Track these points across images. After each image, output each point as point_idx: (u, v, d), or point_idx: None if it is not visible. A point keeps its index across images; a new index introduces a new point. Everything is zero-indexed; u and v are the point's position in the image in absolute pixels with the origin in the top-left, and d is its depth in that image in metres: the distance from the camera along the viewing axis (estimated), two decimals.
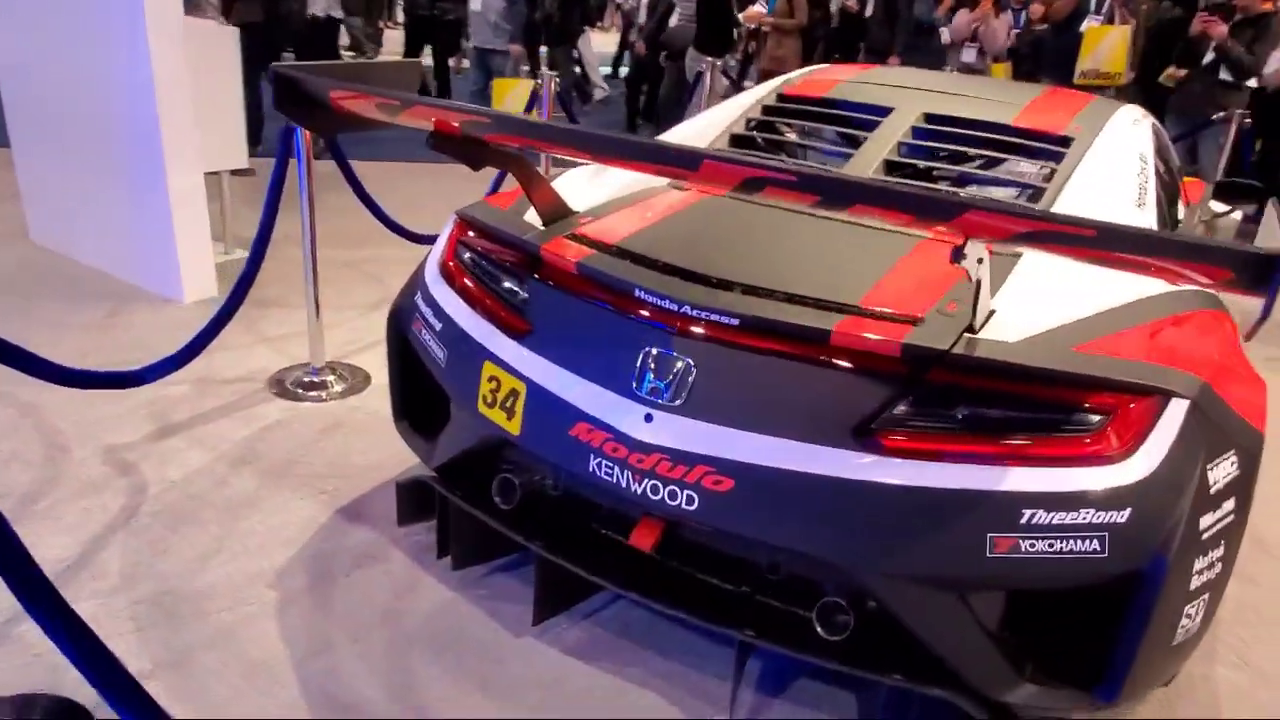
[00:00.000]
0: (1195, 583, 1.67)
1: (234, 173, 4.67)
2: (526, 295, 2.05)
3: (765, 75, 6.18)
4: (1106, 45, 5.94)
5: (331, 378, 3.32)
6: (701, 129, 2.83)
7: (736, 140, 2.77)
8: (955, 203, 1.65)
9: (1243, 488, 1.73)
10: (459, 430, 2.20)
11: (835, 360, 1.71)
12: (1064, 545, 1.61)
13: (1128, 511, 1.60)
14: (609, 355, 1.87)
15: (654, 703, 1.99)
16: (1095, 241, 1.37)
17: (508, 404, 1.99)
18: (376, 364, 3.50)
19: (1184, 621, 1.69)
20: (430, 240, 3.99)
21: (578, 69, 9.25)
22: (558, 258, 1.98)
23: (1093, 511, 1.60)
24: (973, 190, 2.64)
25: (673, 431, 1.76)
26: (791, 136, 2.96)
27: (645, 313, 1.84)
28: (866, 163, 2.47)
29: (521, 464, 2.12)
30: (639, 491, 1.79)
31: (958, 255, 1.58)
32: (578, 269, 1.94)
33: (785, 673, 2.08)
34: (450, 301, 2.19)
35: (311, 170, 3.10)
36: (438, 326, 2.19)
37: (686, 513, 1.76)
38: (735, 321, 1.75)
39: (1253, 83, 5.36)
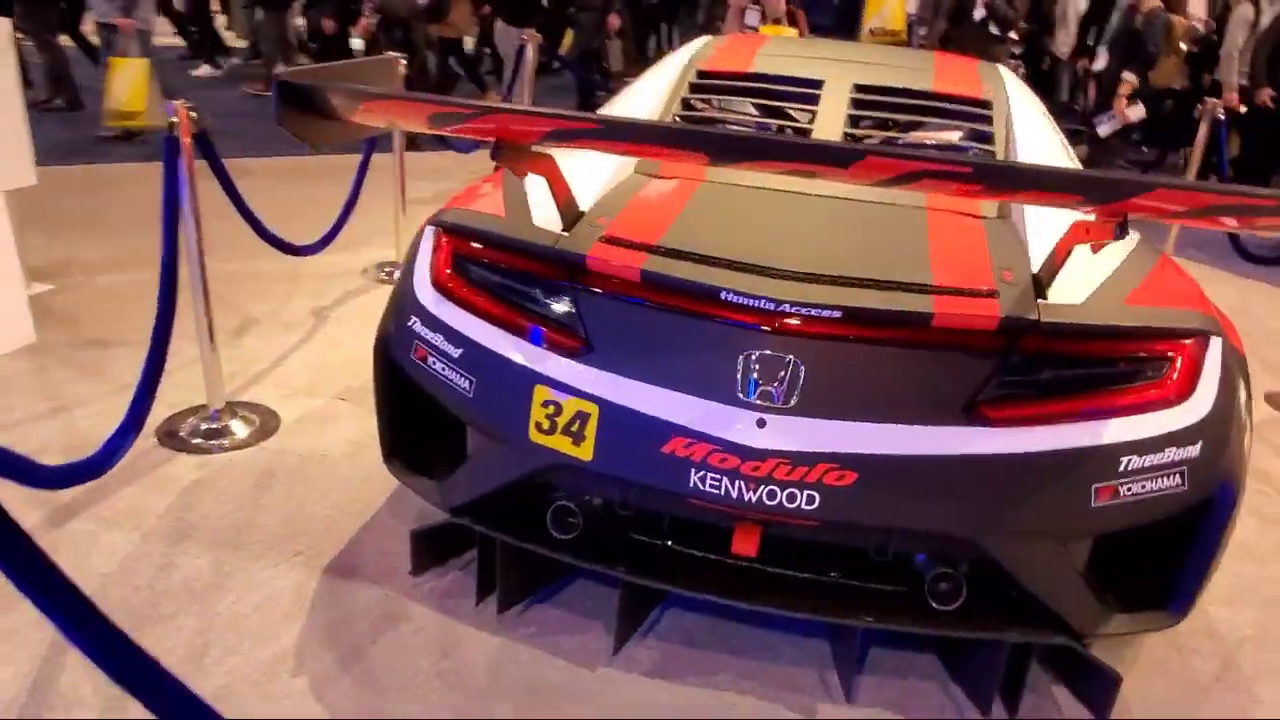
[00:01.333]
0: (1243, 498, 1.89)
1: None
2: (574, 309, 1.90)
3: None
4: (889, 4, 6.40)
5: (234, 421, 2.91)
6: (631, 111, 2.73)
7: (690, 119, 2.71)
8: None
9: (1250, 406, 1.97)
10: (495, 464, 2.01)
11: (935, 341, 1.74)
12: (1154, 485, 1.76)
13: (1199, 445, 1.77)
14: (700, 364, 1.78)
15: (755, 704, 1.96)
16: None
17: (573, 429, 1.85)
18: (276, 398, 3.11)
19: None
20: (310, 251, 3.63)
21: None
22: (611, 265, 1.85)
23: (1175, 450, 1.76)
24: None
25: (789, 434, 1.71)
26: (742, 113, 2.93)
27: (737, 315, 1.76)
28: (828, 134, 2.51)
29: (574, 489, 1.98)
30: (752, 500, 1.74)
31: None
32: (643, 276, 1.82)
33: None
34: (467, 323, 1.98)
35: (194, 178, 2.67)
36: (455, 352, 1.98)
37: (806, 512, 1.73)
38: (838, 314, 1.72)
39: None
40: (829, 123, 2.56)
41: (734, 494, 1.74)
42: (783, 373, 1.73)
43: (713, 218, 2.09)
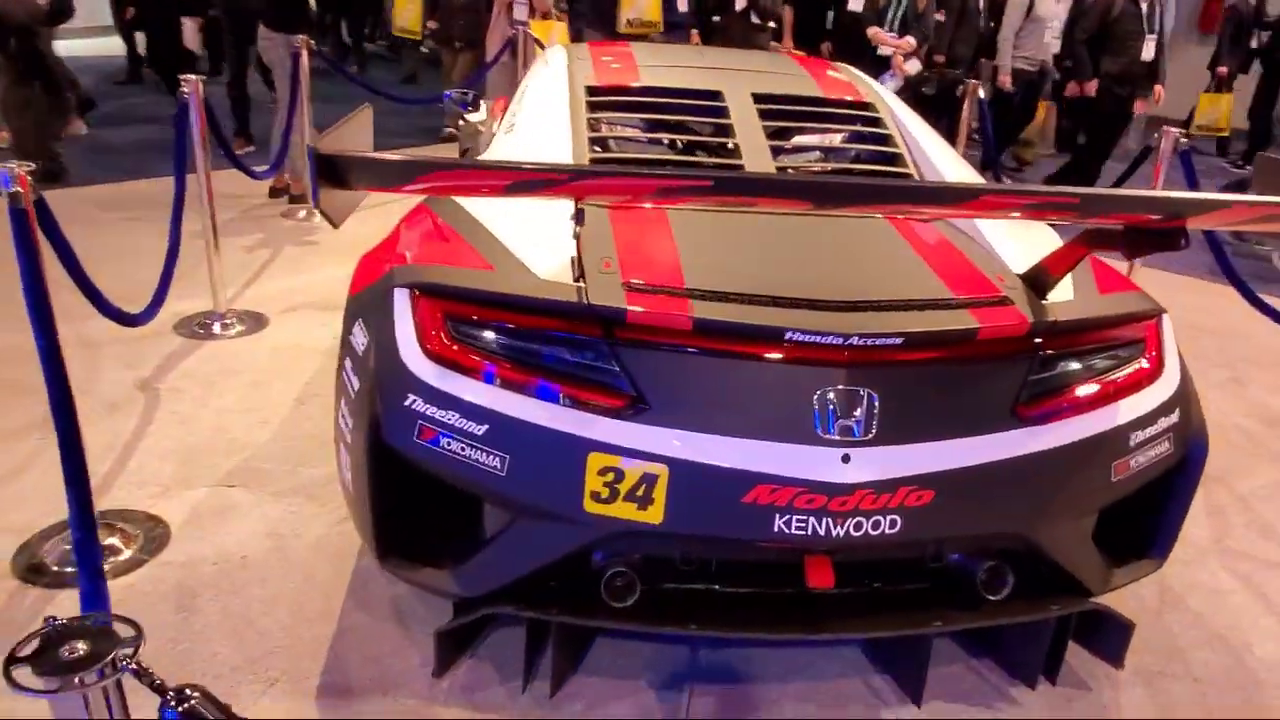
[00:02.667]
0: None
1: None
2: (616, 365, 1.77)
3: None
4: None
5: (111, 538, 2.42)
6: (544, 140, 2.57)
7: (597, 145, 2.60)
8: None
9: None
10: (536, 542, 1.84)
11: (979, 353, 1.82)
12: (1153, 453, 1.97)
13: (1178, 411, 2.01)
14: (772, 406, 1.74)
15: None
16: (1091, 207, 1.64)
17: (638, 493, 1.74)
18: (146, 499, 2.64)
19: None
20: (144, 319, 3.05)
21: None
22: (656, 316, 1.75)
23: (1164, 419, 1.98)
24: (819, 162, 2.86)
25: (874, 464, 1.72)
26: (656, 133, 2.86)
27: (804, 353, 1.73)
28: (758, 151, 2.52)
29: (625, 552, 1.87)
30: (839, 534, 1.74)
31: None
32: (696, 325, 1.73)
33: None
34: (488, 395, 1.79)
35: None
36: (477, 429, 1.79)
37: (889, 536, 1.76)
38: (899, 340, 1.75)
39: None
40: (748, 137, 2.57)
41: (821, 532, 1.73)
42: (859, 405, 1.73)
43: (712, 251, 2.03)
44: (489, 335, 1.85)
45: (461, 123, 4.72)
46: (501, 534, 1.89)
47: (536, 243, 2.00)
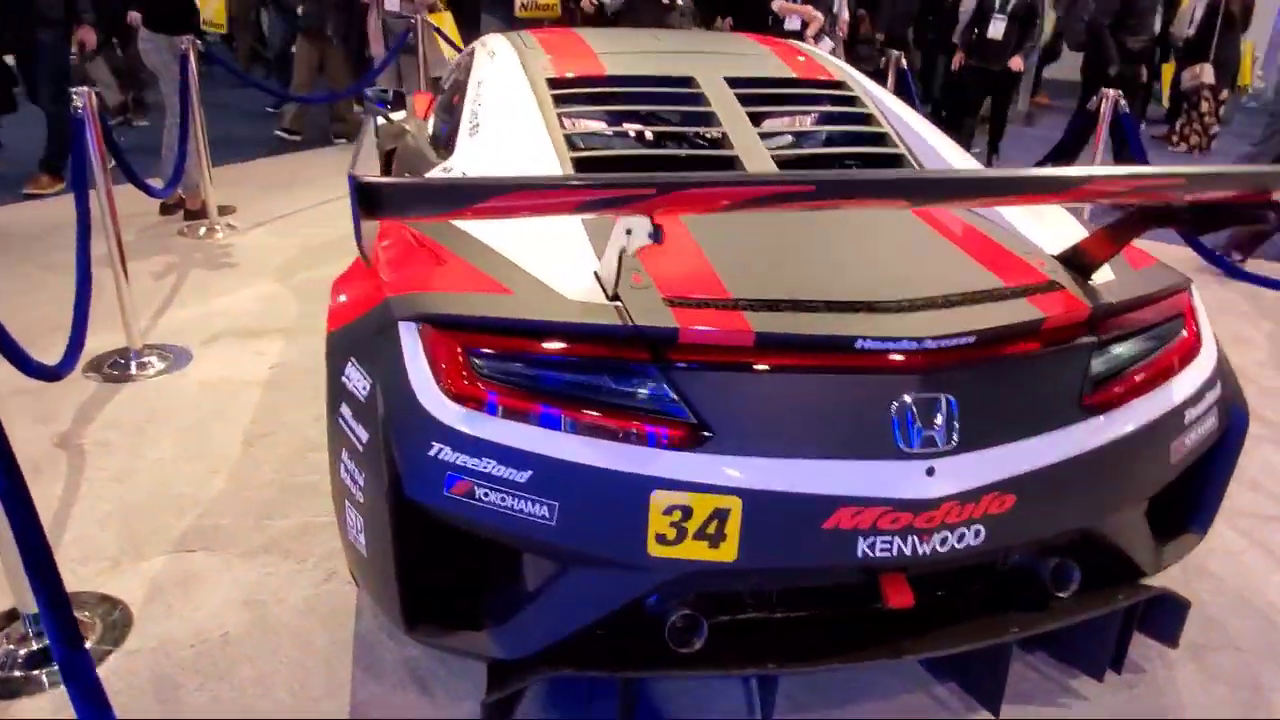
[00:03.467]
0: None
1: None
2: (672, 392, 1.59)
3: None
4: None
5: None
6: (519, 142, 2.35)
7: (576, 144, 2.40)
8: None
9: None
10: (593, 593, 1.66)
11: (1044, 344, 1.73)
12: (1203, 428, 1.93)
13: (1219, 383, 1.97)
14: (847, 422, 1.60)
15: None
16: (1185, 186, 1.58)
17: (709, 530, 1.57)
18: (96, 576, 2.31)
19: None
20: (65, 369, 2.66)
21: None
22: (714, 334, 1.58)
23: (1210, 393, 1.93)
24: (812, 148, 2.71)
25: (958, 474, 1.60)
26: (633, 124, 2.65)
27: (877, 361, 1.59)
28: (747, 139, 2.37)
29: (681, 595, 1.71)
30: (926, 552, 1.61)
31: None
32: (759, 340, 1.57)
33: None
34: (530, 437, 1.58)
35: None
36: (520, 476, 1.58)
37: (974, 548, 1.65)
38: (972, 339, 1.63)
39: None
40: (734, 125, 2.42)
41: (907, 551, 1.61)
42: (939, 412, 1.61)
43: (743, 256, 1.87)
44: (520, 369, 1.64)
45: (380, 122, 4.41)
46: (549, 587, 1.69)
47: (548, 259, 1.80)
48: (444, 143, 2.91)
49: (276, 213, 5.52)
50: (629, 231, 1.46)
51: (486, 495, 1.60)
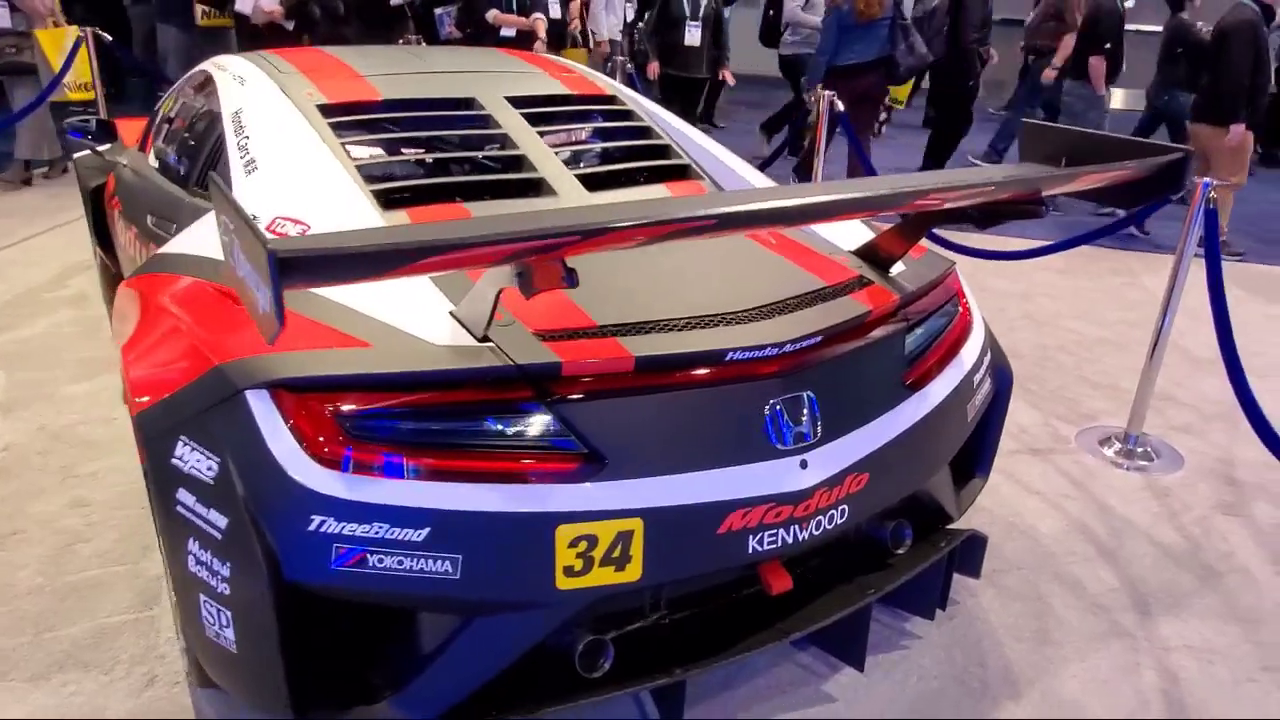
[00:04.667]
0: None
1: None
2: (558, 425, 1.58)
3: None
4: None
5: None
6: (311, 177, 2.18)
7: (373, 175, 2.27)
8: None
9: None
10: (499, 641, 1.62)
11: (869, 333, 1.92)
12: (985, 390, 2.23)
13: (990, 349, 2.29)
14: (725, 430, 1.68)
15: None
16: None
17: (614, 554, 1.60)
18: None
19: None
20: None
21: None
22: (594, 365, 1.59)
23: (985, 359, 2.24)
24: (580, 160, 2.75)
25: (824, 463, 1.75)
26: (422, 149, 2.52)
27: (744, 370, 1.68)
28: (547, 160, 2.38)
29: (588, 618, 1.71)
30: (804, 537, 1.75)
31: None
32: (639, 364, 1.61)
33: None
34: (420, 493, 1.51)
35: None
36: (417, 535, 1.51)
37: (840, 526, 1.81)
38: (819, 338, 1.77)
39: None
40: (530, 146, 2.42)
41: (790, 540, 1.73)
42: (803, 409, 1.74)
43: (596, 284, 1.86)
44: (398, 424, 1.55)
45: (77, 154, 3.89)
46: (451, 643, 1.62)
47: (389, 305, 1.71)
48: (193, 179, 2.63)
49: None
50: (519, 272, 1.44)
51: (381, 561, 1.51)
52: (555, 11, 6.26)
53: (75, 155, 3.95)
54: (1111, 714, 2.09)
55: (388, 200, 2.12)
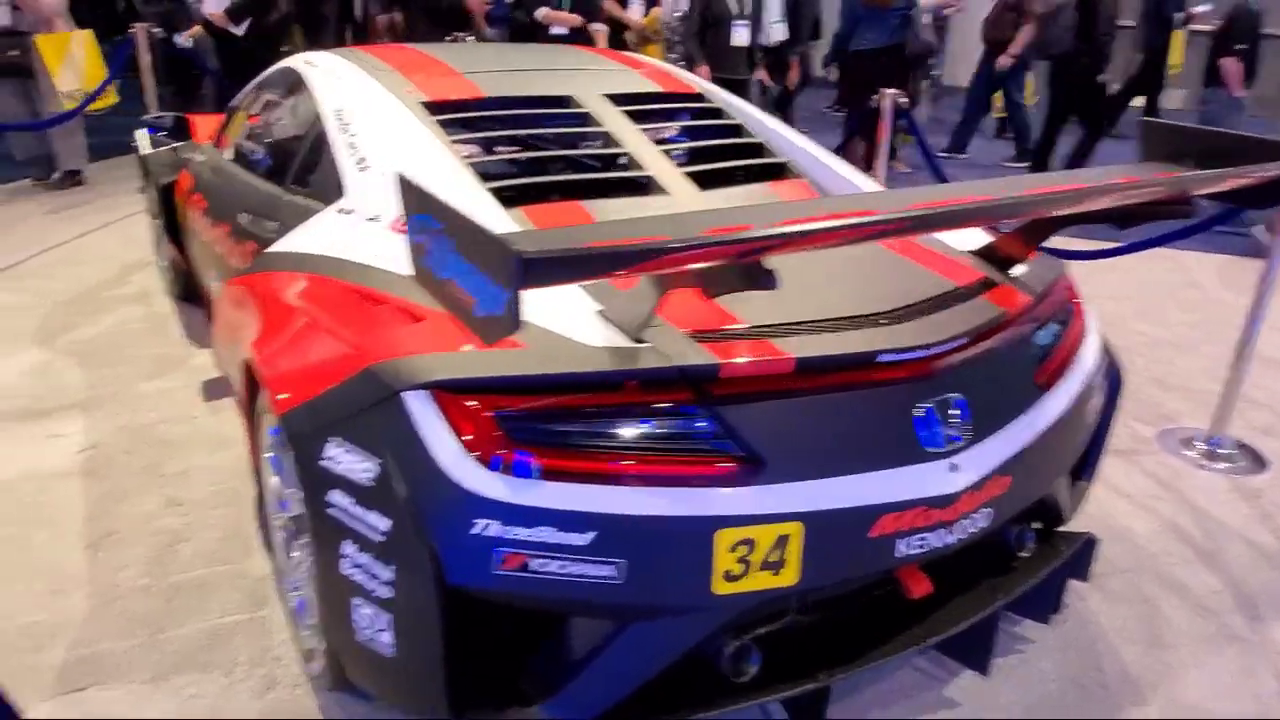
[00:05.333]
0: None
1: None
2: (718, 427, 1.56)
3: None
4: None
5: None
6: (428, 176, 2.16)
7: (485, 171, 2.26)
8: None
9: None
10: (653, 645, 1.61)
11: (1008, 332, 1.89)
12: (1102, 392, 2.21)
13: (1105, 350, 2.27)
14: (880, 433, 1.66)
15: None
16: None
17: (772, 559, 1.58)
18: None
19: None
20: None
21: None
22: (753, 366, 1.57)
23: (1102, 360, 2.22)
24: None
25: (973, 465, 1.72)
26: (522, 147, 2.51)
27: (896, 372, 1.67)
28: (654, 158, 2.36)
29: (740, 623, 1.70)
30: (952, 541, 1.73)
31: None
32: (799, 365, 1.59)
33: None
34: (585, 497, 1.50)
35: None
36: (581, 539, 1.50)
37: (983, 529, 1.79)
38: (965, 340, 1.75)
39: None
40: (633, 142, 2.40)
41: (937, 544, 1.71)
42: (955, 410, 1.72)
43: None
44: (560, 427, 1.53)
45: (145, 150, 3.89)
46: (606, 647, 1.61)
47: (538, 306, 1.69)
48: (289, 177, 2.62)
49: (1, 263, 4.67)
50: (713, 273, 1.42)
51: (544, 565, 1.50)
52: (637, 11, 6.18)
53: (143, 153, 3.94)
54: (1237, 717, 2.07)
55: (506, 199, 2.11)
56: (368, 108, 2.45)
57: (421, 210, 1.22)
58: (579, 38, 5.46)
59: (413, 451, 1.51)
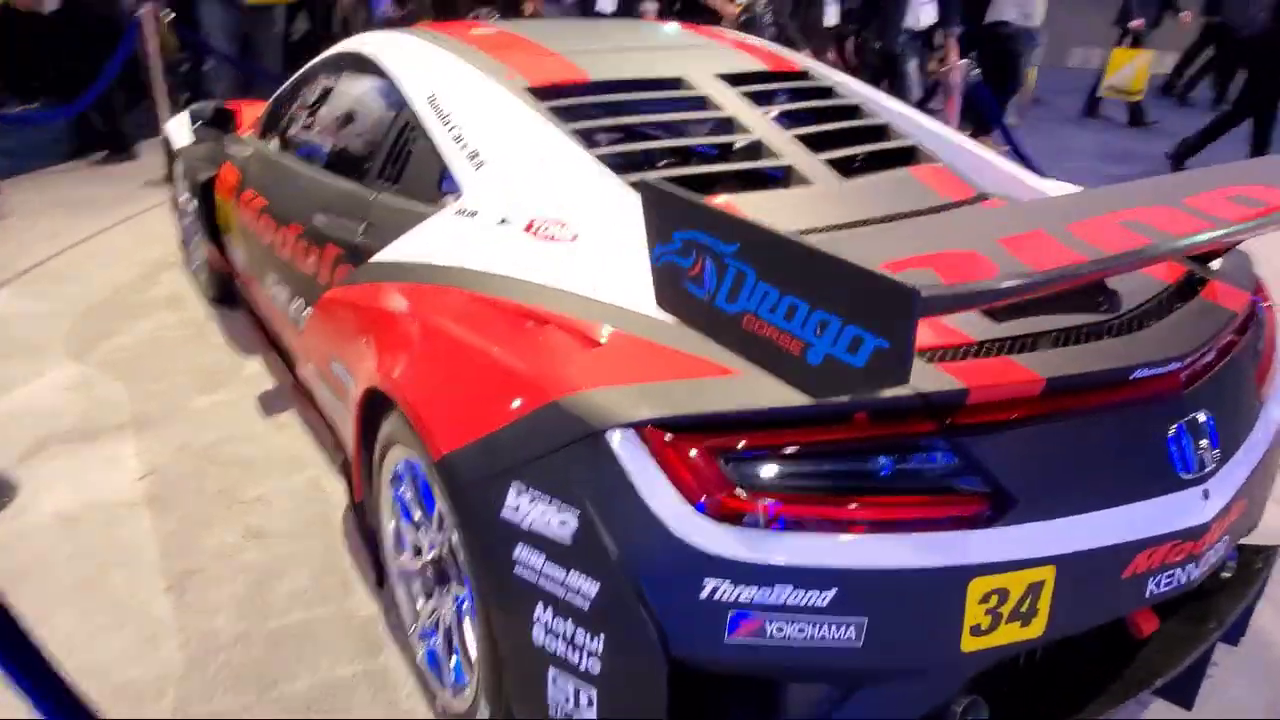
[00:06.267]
0: None
1: None
2: (964, 461, 1.36)
3: None
4: None
5: None
6: (566, 177, 1.94)
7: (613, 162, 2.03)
8: None
9: None
10: (891, 709, 1.40)
11: (1241, 339, 1.70)
12: None
13: None
14: (1133, 459, 1.46)
15: None
16: None
17: (1023, 608, 1.38)
18: None
19: None
20: None
21: None
22: (1002, 388, 1.37)
23: None
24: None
25: (1222, 490, 1.53)
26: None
27: (1149, 389, 1.47)
28: (789, 145, 2.14)
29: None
30: (1195, 576, 1.54)
31: None
32: (1049, 386, 1.38)
33: None
34: (827, 549, 1.29)
35: None
36: (822, 599, 1.29)
37: (1220, 560, 1.60)
38: (1211, 350, 1.56)
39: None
40: (762, 127, 2.18)
41: (1184, 580, 1.52)
42: (1205, 430, 1.52)
43: None
44: (791, 468, 1.32)
45: (184, 142, 3.63)
46: (831, 716, 1.41)
47: None
48: (374, 173, 2.37)
49: (15, 265, 4.37)
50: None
51: (780, 630, 1.29)
52: None
53: (176, 146, 3.67)
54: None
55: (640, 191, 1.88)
56: (468, 95, 2.21)
57: (691, 225, 1.01)
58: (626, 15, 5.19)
59: (623, 502, 1.30)
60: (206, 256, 3.71)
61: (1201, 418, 1.53)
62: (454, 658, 1.78)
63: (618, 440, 1.31)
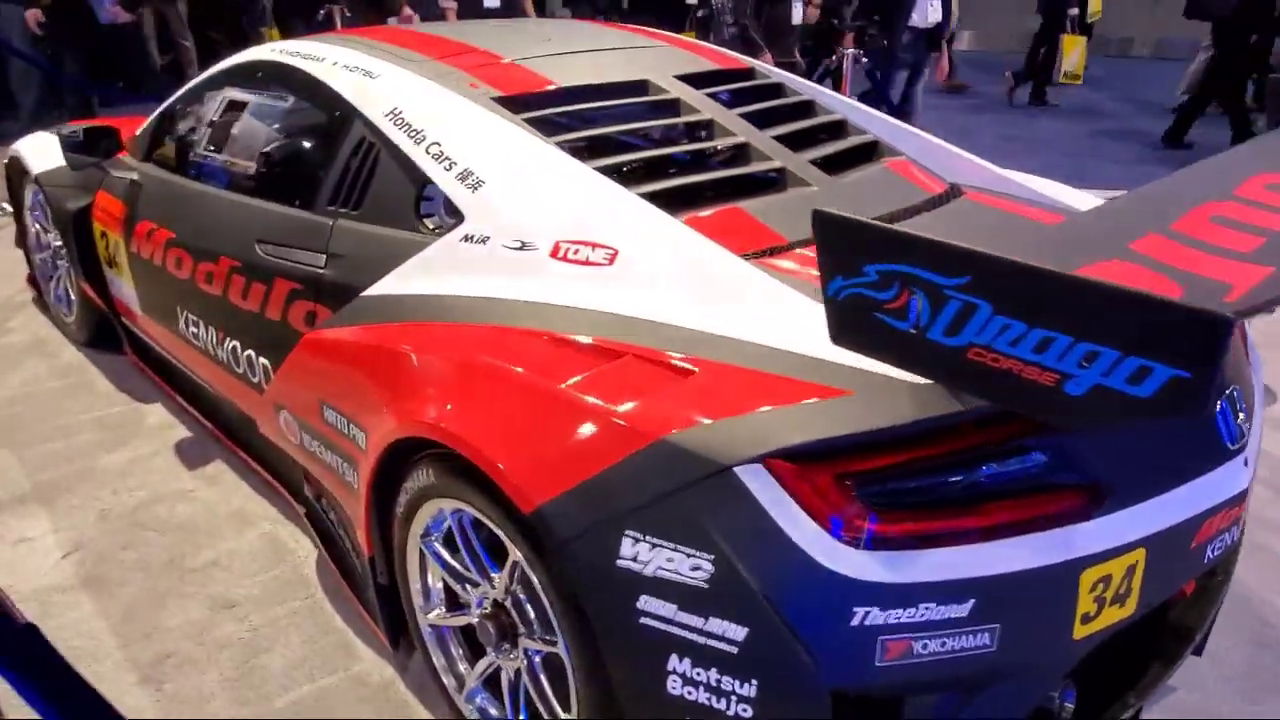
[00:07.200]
0: None
1: None
2: (1061, 458, 1.39)
3: None
4: None
5: None
6: (574, 191, 1.84)
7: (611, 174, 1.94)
8: None
9: None
10: (1012, 704, 1.43)
11: None
12: None
13: None
14: (1194, 434, 1.54)
15: None
16: None
17: (1121, 590, 1.44)
18: None
19: None
20: None
21: None
22: None
23: None
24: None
25: (1250, 456, 1.65)
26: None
27: None
28: (774, 147, 2.11)
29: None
30: (1238, 538, 1.66)
31: None
32: None
33: None
34: (960, 563, 1.29)
35: None
36: (961, 610, 1.30)
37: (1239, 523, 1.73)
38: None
39: None
40: (740, 128, 2.14)
41: (1229, 543, 1.63)
42: (1238, 401, 1.63)
43: None
44: (917, 485, 1.32)
45: (41, 169, 3.22)
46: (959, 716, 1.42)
47: (811, 337, 1.44)
48: (323, 198, 2.17)
49: None
50: None
51: (925, 646, 1.29)
52: None
53: (35, 171, 3.22)
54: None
55: (667, 207, 1.81)
56: (436, 108, 2.05)
57: (892, 259, 0.96)
58: (510, 12, 4.99)
59: (763, 538, 1.25)
60: (77, 296, 3.31)
61: (1236, 389, 1.64)
62: (521, 717, 1.67)
63: (748, 475, 1.25)
